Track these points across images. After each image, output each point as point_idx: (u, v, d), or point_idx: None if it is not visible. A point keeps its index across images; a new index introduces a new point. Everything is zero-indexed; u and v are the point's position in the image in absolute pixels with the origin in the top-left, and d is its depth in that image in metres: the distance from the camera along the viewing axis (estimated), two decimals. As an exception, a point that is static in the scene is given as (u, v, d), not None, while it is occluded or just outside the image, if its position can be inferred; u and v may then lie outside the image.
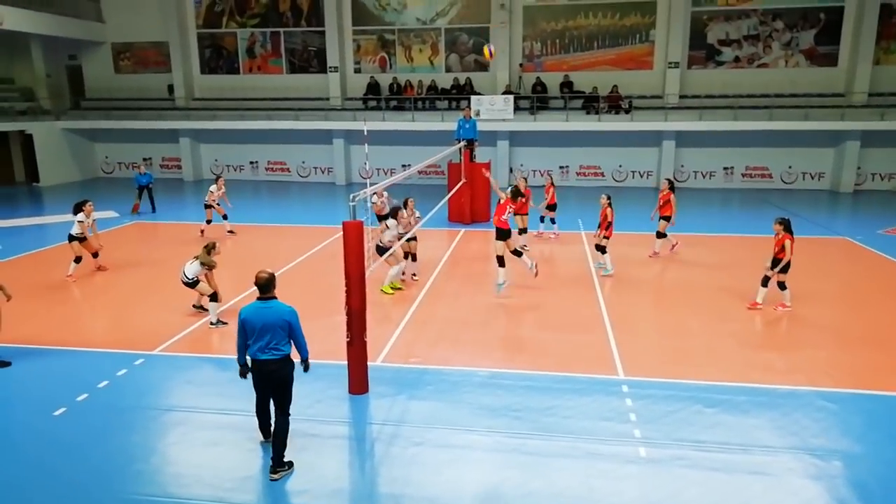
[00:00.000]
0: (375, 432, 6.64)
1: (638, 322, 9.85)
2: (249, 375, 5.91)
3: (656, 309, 10.53)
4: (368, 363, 7.49)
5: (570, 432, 6.57)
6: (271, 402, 5.99)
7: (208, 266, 9.57)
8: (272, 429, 5.99)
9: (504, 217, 10.85)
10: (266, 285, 5.78)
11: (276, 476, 5.79)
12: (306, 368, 6.08)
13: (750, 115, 22.41)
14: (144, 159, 26.60)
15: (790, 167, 23.40)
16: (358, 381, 7.36)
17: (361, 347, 7.26)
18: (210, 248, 9.72)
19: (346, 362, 7.38)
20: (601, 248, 12.20)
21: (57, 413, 6.96)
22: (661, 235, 13.50)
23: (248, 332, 5.72)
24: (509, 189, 12.27)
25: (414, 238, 11.54)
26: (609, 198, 12.32)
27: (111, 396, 7.39)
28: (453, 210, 17.19)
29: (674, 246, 13.71)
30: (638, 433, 6.55)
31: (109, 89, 27.24)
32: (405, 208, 11.31)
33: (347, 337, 7.19)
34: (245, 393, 6.16)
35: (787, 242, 9.83)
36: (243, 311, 5.79)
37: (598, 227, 12.23)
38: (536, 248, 14.03)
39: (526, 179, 14.45)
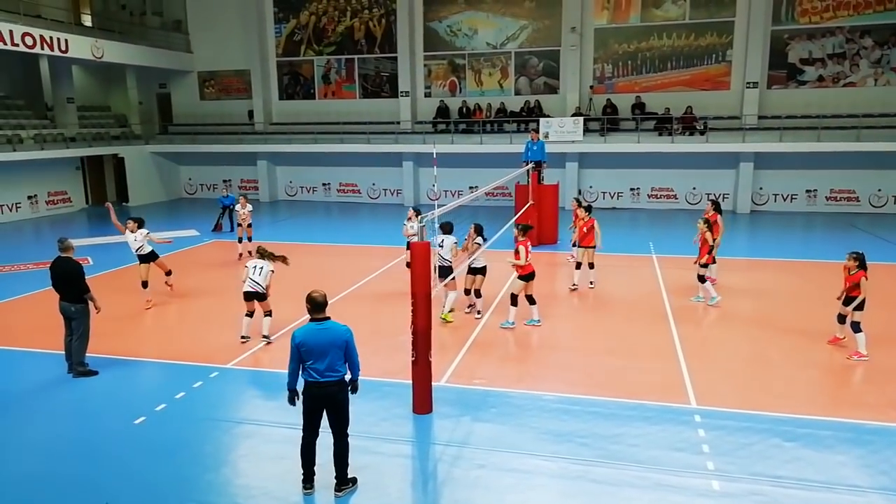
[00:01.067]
0: (439, 453, 6.62)
1: (712, 350, 9.47)
2: (299, 402, 5.76)
3: (732, 337, 10.08)
4: (433, 383, 7.50)
5: (639, 461, 6.34)
6: (317, 440, 5.78)
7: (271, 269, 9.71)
8: (333, 453, 5.82)
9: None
10: (321, 305, 5.63)
11: (341, 493, 5.83)
12: (354, 390, 5.88)
13: (835, 135, 21.36)
14: (225, 181, 27.87)
15: (879, 190, 22.09)
16: (422, 401, 7.38)
17: (426, 367, 7.29)
18: (264, 251, 9.84)
19: (410, 381, 7.42)
20: (701, 278, 11.48)
21: (137, 422, 7.30)
22: (591, 266, 12.70)
23: (303, 355, 5.54)
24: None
25: (481, 272, 10.99)
26: (707, 222, 11.52)
27: (187, 407, 7.70)
28: (521, 232, 17.08)
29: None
30: (711, 465, 6.26)
31: (194, 115, 28.86)
32: (471, 234, 11.03)
33: (412, 356, 7.23)
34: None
35: (863, 280, 9.01)
36: (298, 333, 5.59)
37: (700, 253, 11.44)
38: (606, 273, 13.70)
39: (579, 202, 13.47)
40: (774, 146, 21.69)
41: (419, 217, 8.05)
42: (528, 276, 10.40)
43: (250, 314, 9.85)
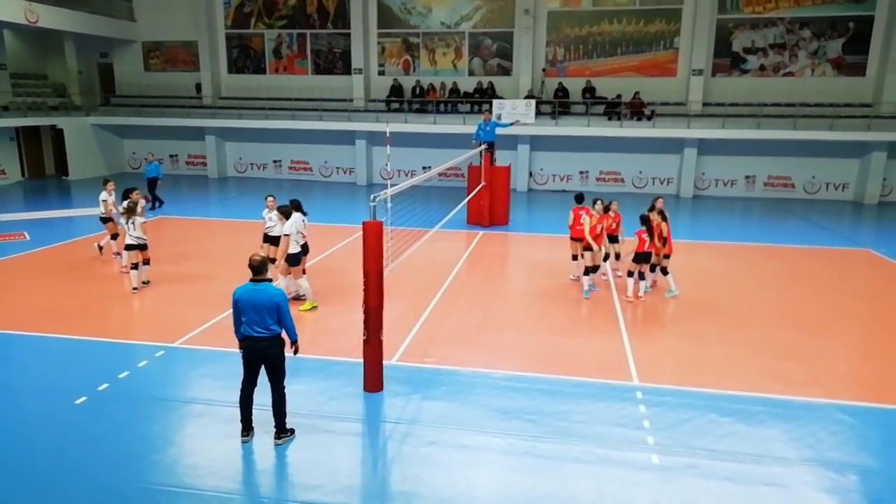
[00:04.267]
0: (389, 430, 6.71)
1: (654, 329, 9.82)
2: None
3: (672, 316, 10.47)
4: (384, 362, 7.57)
5: (583, 437, 6.58)
6: (254, 391, 6.31)
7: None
8: (271, 402, 6.29)
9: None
10: (259, 267, 6.14)
11: (280, 441, 6.33)
12: (296, 351, 6.39)
13: (774, 123, 22.18)
14: (171, 156, 27.06)
15: (814, 177, 23.12)
16: (373, 380, 7.44)
17: (377, 346, 7.34)
18: (131, 206, 10.79)
19: (361, 360, 7.46)
20: (665, 270, 11.26)
21: (78, 402, 7.12)
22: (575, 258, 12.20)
23: (241, 311, 6.10)
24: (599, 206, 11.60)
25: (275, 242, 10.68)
26: (647, 220, 10.96)
27: (132, 387, 7.55)
28: (472, 212, 17.24)
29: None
30: (651, 440, 6.54)
31: (139, 87, 27.78)
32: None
33: (364, 335, 7.27)
34: (263, 387, 6.27)
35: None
36: (237, 291, 6.16)
37: (655, 244, 10.92)
38: (556, 255, 13.97)
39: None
40: (717, 133, 22.39)
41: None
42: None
43: (135, 266, 11.01)
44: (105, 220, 12.89)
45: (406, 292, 11.00)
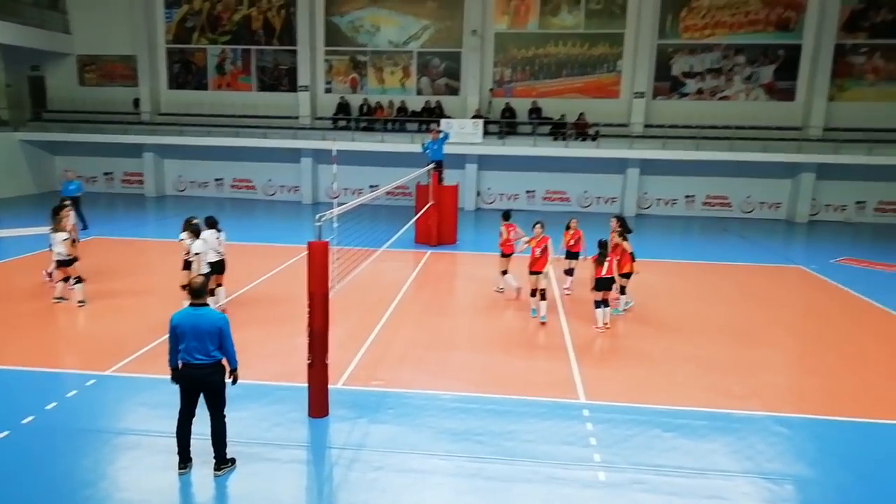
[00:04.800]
0: (335, 457, 6.53)
1: (599, 347, 9.94)
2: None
3: (618, 334, 10.63)
4: (329, 386, 7.39)
5: (532, 456, 6.55)
6: (192, 420, 6.04)
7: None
8: (210, 432, 6.04)
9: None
10: (201, 291, 5.93)
11: (220, 472, 6.05)
12: (234, 380, 6.13)
13: (712, 145, 23.04)
14: (106, 174, 26.11)
15: (749, 196, 24.07)
16: (318, 405, 7.25)
17: (322, 370, 7.16)
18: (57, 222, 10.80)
19: (306, 385, 7.26)
20: (623, 289, 11.33)
21: None
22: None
23: (178, 337, 5.83)
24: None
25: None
26: (620, 230, 11.22)
27: (60, 419, 7.13)
28: (420, 231, 17.21)
29: None
30: (598, 457, 6.57)
31: (73, 101, 26.72)
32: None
33: (309, 358, 7.09)
34: (201, 416, 6.01)
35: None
36: (175, 316, 5.89)
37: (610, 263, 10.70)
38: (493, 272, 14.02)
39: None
40: (658, 153, 23.10)
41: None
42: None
43: (66, 279, 10.99)
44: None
45: (352, 313, 10.83)
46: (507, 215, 12.60)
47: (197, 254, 9.75)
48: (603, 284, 10.56)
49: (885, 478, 6.33)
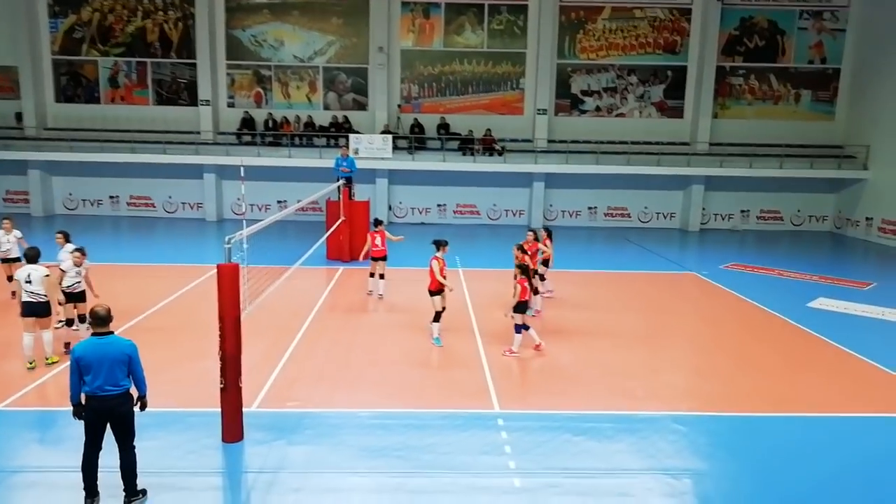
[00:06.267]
0: (251, 481, 6.41)
1: (512, 357, 10.24)
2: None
3: (529, 343, 10.98)
4: (244, 409, 7.23)
5: (451, 468, 6.70)
6: (99, 453, 5.77)
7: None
8: (120, 465, 5.80)
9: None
10: (103, 320, 5.70)
11: None
12: (143, 407, 5.94)
13: (610, 159, 24.29)
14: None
15: (646, 207, 25.54)
16: (232, 429, 7.07)
17: (236, 393, 7.01)
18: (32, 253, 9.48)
19: (219, 409, 7.08)
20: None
21: None
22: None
23: (83, 370, 5.55)
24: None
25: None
26: (521, 248, 11.58)
27: (-57, 461, 6.58)
28: (332, 248, 17.08)
29: None
30: (512, 465, 6.81)
31: (-56, 115, 24.60)
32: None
33: (221, 383, 6.92)
34: (107, 448, 5.74)
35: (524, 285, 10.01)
36: (78, 348, 5.63)
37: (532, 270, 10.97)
38: (416, 287, 14.19)
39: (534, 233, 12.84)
40: (561, 167, 24.10)
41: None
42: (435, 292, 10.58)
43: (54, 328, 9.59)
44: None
45: (265, 334, 10.61)
46: (377, 222, 13.97)
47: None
48: (522, 308, 10.17)
49: (771, 468, 6.94)
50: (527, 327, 10.25)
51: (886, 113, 22.78)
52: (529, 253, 11.95)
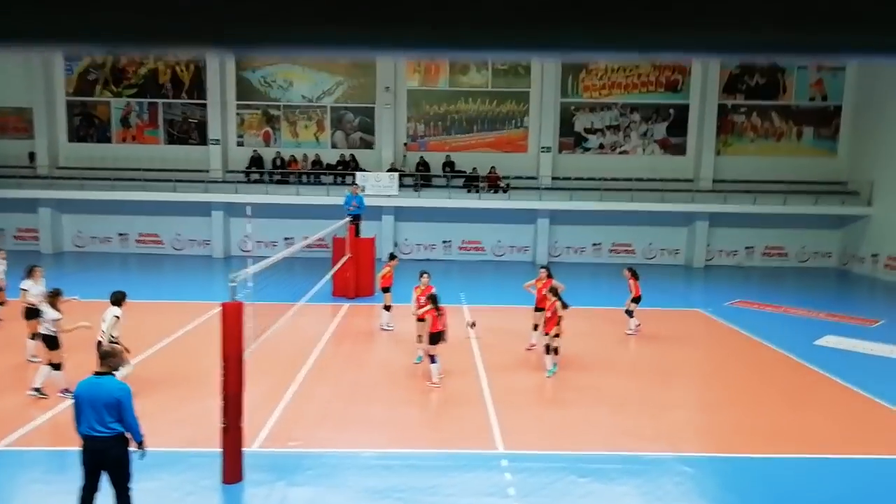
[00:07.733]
0: (251, 524, 6.33)
1: (517, 395, 10.14)
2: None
3: (532, 381, 10.90)
4: (244, 449, 7.18)
5: (452, 511, 6.60)
6: (95, 496, 5.74)
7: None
8: None
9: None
10: (105, 355, 5.79)
11: None
12: (143, 454, 5.82)
13: (614, 196, 24.41)
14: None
15: (650, 244, 25.55)
16: (232, 470, 7.01)
17: (237, 434, 6.97)
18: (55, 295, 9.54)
19: (220, 450, 7.02)
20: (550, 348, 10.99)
21: None
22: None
23: (76, 408, 5.60)
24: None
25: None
26: (554, 291, 11.14)
27: (-58, 502, 6.54)
28: (338, 284, 17.12)
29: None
30: (517, 508, 6.71)
31: (-42, 154, 25.07)
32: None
33: (223, 423, 6.88)
34: (106, 489, 5.69)
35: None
36: (79, 385, 5.70)
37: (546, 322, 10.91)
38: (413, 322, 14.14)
39: None
40: (565, 204, 24.24)
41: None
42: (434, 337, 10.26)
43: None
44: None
45: (268, 372, 10.55)
46: (391, 256, 14.51)
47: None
48: (437, 338, 10.24)
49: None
50: (433, 360, 10.19)
51: (889, 149, 22.88)
52: (537, 288, 12.27)
